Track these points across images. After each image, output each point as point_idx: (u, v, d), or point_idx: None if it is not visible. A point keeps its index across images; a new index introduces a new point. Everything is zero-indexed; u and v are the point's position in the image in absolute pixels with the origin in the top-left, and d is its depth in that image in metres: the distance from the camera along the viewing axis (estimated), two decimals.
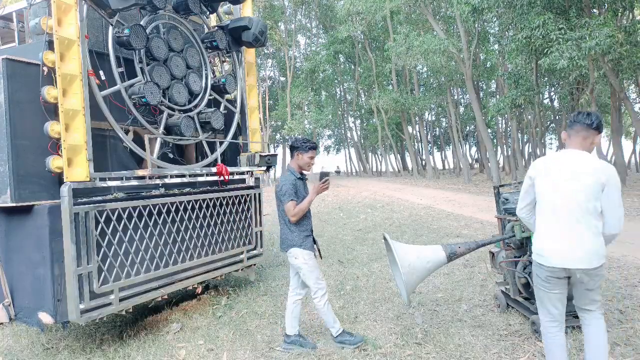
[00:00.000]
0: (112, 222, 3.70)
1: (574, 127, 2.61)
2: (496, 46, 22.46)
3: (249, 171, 5.49)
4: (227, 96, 5.45)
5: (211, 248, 4.78)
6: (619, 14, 14.40)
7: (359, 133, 44.36)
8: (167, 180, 4.35)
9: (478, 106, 20.60)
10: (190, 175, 4.63)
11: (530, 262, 3.61)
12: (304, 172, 3.68)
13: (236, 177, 5.34)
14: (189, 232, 4.50)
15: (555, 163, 2.64)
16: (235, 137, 5.51)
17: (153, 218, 4.09)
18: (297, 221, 3.54)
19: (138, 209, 3.93)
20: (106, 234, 3.63)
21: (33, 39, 3.80)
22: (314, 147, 3.65)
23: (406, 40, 20.97)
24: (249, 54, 5.76)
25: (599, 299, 2.63)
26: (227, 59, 5.73)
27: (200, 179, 4.78)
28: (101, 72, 3.94)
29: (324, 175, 3.48)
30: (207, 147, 5.02)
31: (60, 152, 3.37)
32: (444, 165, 45.25)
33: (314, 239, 3.70)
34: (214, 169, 4.90)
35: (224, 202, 4.98)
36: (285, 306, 3.83)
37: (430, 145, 41.13)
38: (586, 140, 2.59)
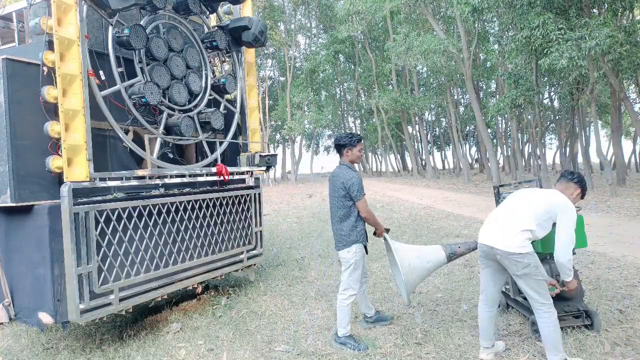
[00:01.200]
0: (112, 222, 3.70)
1: (559, 179, 3.29)
2: (496, 46, 22.45)
3: (248, 171, 5.49)
4: (227, 96, 5.45)
5: (211, 248, 4.78)
6: (619, 14, 14.39)
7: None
8: (167, 180, 4.35)
9: (478, 106, 20.61)
10: (190, 175, 4.63)
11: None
12: (355, 164, 3.86)
13: (236, 177, 5.34)
14: (188, 232, 4.49)
15: (533, 189, 3.31)
16: (235, 137, 5.51)
17: (153, 218, 4.09)
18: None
19: (138, 209, 3.93)
20: (106, 234, 3.63)
21: (33, 39, 3.80)
22: (360, 139, 3.85)
23: (406, 40, 20.97)
24: (249, 54, 5.76)
25: (534, 297, 3.01)
26: (227, 59, 5.72)
27: (200, 179, 4.77)
28: (101, 72, 3.94)
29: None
30: (207, 147, 5.02)
31: (60, 152, 3.37)
32: (444, 165, 45.25)
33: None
34: (213, 169, 4.90)
35: (224, 202, 4.97)
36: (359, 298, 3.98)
37: (430, 145, 41.11)
38: (567, 190, 3.20)
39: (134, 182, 3.99)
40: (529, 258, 2.96)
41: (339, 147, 3.80)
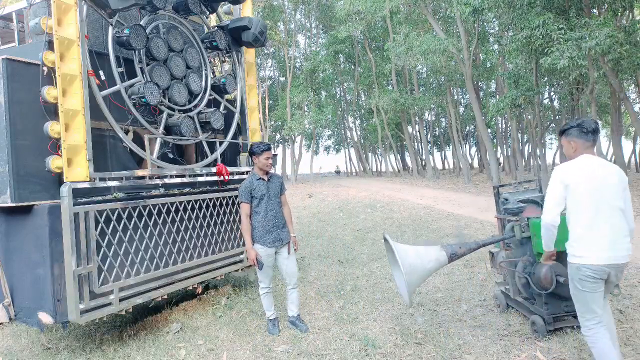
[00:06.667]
0: (112, 222, 3.70)
1: (575, 139, 2.85)
2: (496, 46, 22.43)
3: (248, 171, 5.49)
4: (227, 96, 5.45)
5: (211, 248, 4.78)
6: (619, 14, 14.38)
7: (359, 133, 44.34)
8: (167, 180, 4.35)
9: (478, 106, 20.58)
10: (190, 175, 4.63)
11: (531, 263, 3.62)
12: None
13: (236, 177, 5.34)
14: (188, 232, 4.49)
15: (586, 169, 2.74)
16: (235, 137, 5.51)
17: (153, 218, 4.09)
18: None
19: (138, 209, 3.93)
20: (106, 234, 3.63)
21: (33, 39, 3.80)
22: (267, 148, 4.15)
23: (406, 40, 20.95)
24: (249, 54, 5.76)
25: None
26: (227, 59, 5.73)
27: (200, 179, 4.78)
28: (101, 72, 3.94)
29: None
30: (207, 147, 5.02)
31: (60, 152, 3.37)
32: (443, 166, 45.21)
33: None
34: (213, 169, 4.90)
35: (224, 202, 4.97)
36: None
37: (430, 145, 41.05)
38: (586, 146, 2.81)
39: (134, 182, 4.00)
40: None
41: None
